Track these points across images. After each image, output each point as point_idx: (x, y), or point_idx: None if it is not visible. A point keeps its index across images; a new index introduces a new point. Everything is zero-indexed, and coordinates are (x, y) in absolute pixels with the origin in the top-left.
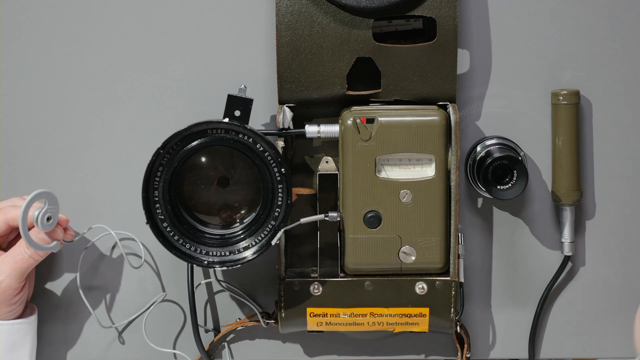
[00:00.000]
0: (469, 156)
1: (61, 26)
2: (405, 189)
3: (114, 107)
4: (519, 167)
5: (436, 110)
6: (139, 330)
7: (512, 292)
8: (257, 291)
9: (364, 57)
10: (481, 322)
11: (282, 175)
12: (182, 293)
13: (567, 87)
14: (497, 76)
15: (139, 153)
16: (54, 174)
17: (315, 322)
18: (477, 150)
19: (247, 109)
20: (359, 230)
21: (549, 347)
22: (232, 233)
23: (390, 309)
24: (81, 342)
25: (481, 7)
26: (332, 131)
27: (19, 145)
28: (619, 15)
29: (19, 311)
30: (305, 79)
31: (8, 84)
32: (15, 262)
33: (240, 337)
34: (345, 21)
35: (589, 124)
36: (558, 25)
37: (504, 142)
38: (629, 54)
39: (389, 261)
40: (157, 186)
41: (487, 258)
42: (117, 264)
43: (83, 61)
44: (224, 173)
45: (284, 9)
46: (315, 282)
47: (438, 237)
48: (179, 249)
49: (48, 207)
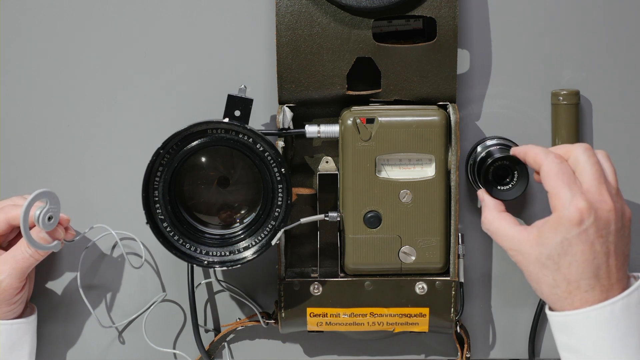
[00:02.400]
0: (470, 157)
1: (61, 26)
2: (405, 189)
3: (114, 107)
4: (519, 168)
5: (436, 110)
6: (139, 330)
7: (512, 292)
8: (257, 291)
9: (364, 57)
10: (481, 322)
11: (282, 175)
12: (182, 293)
13: (567, 87)
14: (497, 76)
15: (139, 153)
16: (54, 173)
17: (315, 322)
18: (478, 150)
19: (247, 109)
20: (359, 230)
21: (549, 347)
22: (232, 233)
23: (390, 309)
24: (81, 342)
25: (481, 7)
26: (332, 131)
27: (19, 145)
28: (619, 15)
29: (19, 311)
30: (305, 79)
31: (8, 84)
32: (16, 261)
33: (240, 337)
34: (345, 21)
35: (589, 124)
36: (558, 25)
37: (504, 143)
38: (629, 54)
39: (389, 261)
40: (157, 186)
41: (487, 258)
42: (117, 264)
43: (83, 61)
44: (224, 173)
45: (284, 9)
46: (315, 282)
47: (438, 237)
48: (179, 249)
49: (49, 207)
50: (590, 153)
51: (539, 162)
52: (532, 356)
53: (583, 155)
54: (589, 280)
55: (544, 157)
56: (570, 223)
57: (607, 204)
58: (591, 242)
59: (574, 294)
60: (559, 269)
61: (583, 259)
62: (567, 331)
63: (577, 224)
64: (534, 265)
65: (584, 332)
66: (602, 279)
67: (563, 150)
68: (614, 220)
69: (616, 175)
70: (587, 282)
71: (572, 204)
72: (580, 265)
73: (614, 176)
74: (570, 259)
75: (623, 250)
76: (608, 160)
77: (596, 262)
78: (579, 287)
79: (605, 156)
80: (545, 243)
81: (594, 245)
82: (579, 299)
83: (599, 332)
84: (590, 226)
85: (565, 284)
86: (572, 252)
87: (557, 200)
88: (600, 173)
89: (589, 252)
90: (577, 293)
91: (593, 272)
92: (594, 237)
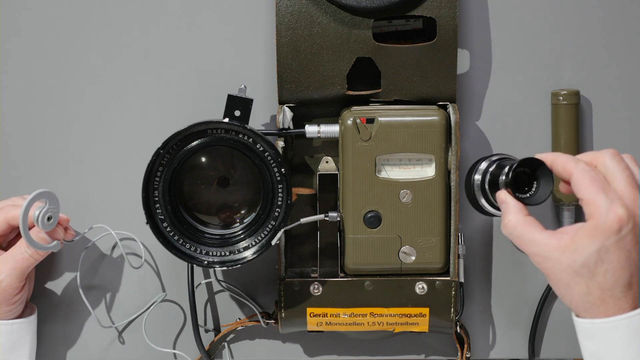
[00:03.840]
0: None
1: (61, 26)
2: (405, 189)
3: (114, 107)
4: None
5: (436, 110)
6: (139, 330)
7: (512, 292)
8: (257, 291)
9: (364, 57)
10: (481, 322)
11: (282, 175)
12: (182, 293)
13: (567, 87)
14: (497, 76)
15: (139, 153)
16: (54, 173)
17: (315, 322)
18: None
19: (247, 109)
20: (359, 230)
21: (549, 347)
22: (232, 233)
23: (390, 309)
24: (81, 342)
25: (481, 7)
26: (332, 131)
27: (19, 145)
28: (619, 15)
29: (19, 311)
30: (305, 79)
31: (8, 84)
32: (16, 261)
33: (240, 337)
34: (345, 21)
35: (589, 124)
36: (558, 25)
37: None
38: (629, 54)
39: (389, 261)
40: (157, 186)
41: (487, 258)
42: (117, 264)
43: (83, 61)
44: (224, 173)
45: (284, 9)
46: (315, 282)
47: (438, 237)
48: (179, 249)
49: (49, 207)
50: (619, 158)
51: (569, 170)
52: (532, 356)
53: (612, 161)
54: (622, 288)
55: (574, 165)
56: (609, 230)
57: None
58: (629, 249)
59: (607, 302)
60: (594, 277)
61: (619, 266)
62: (595, 338)
63: (616, 232)
64: (565, 273)
65: (611, 341)
66: (635, 287)
67: (589, 157)
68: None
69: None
70: (620, 290)
71: (610, 211)
72: (616, 273)
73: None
74: (607, 267)
75: None
76: (636, 164)
77: (631, 270)
78: (613, 295)
79: (633, 160)
80: (580, 250)
81: (631, 253)
82: (612, 307)
83: (627, 341)
84: (628, 233)
85: (599, 292)
86: (609, 259)
87: (593, 208)
88: (632, 178)
89: (625, 259)
90: (610, 301)
91: (627, 279)
92: (631, 245)
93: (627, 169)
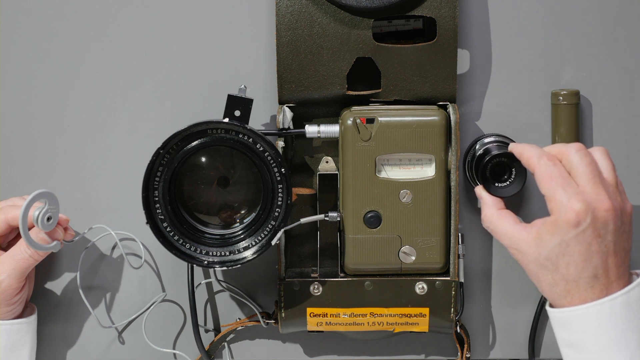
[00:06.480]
0: (467, 154)
1: (61, 26)
2: (405, 189)
3: (114, 107)
4: (517, 164)
5: (436, 110)
6: (139, 330)
7: (512, 292)
8: (257, 291)
9: (364, 57)
10: (481, 322)
11: (282, 175)
12: (182, 293)
13: (567, 87)
14: (497, 76)
15: (139, 153)
16: (54, 174)
17: (315, 322)
18: (476, 147)
19: (247, 109)
20: (359, 230)
21: (549, 347)
22: (232, 233)
23: (390, 309)
24: (81, 342)
25: (481, 7)
26: (332, 131)
27: (19, 145)
28: (619, 15)
29: (19, 311)
30: (305, 79)
31: (8, 84)
32: (16, 261)
33: (240, 337)
34: (345, 21)
35: (589, 124)
36: (558, 25)
37: (502, 140)
38: (629, 54)
39: (389, 261)
40: (157, 186)
41: (487, 258)
42: (117, 264)
43: (83, 61)
44: (224, 173)
45: (284, 9)
46: (315, 282)
47: (438, 237)
48: (179, 249)
49: (48, 207)
50: (583, 153)
51: (532, 165)
52: (532, 356)
53: (576, 156)
54: (588, 280)
55: (536, 162)
56: (567, 225)
57: (604, 203)
58: (589, 242)
59: (572, 292)
60: (557, 269)
61: (581, 259)
62: (567, 327)
63: (574, 226)
64: (533, 265)
65: (583, 328)
66: (601, 278)
67: (556, 150)
68: (612, 219)
69: (615, 172)
70: (585, 281)
71: (568, 206)
72: (578, 266)
73: (613, 173)
74: (568, 260)
75: (624, 247)
76: (607, 157)
77: (594, 262)
78: (578, 286)
79: (604, 153)
80: (543, 245)
81: (592, 246)
82: (577, 297)
83: (599, 328)
84: (587, 227)
85: (564, 283)
86: (569, 253)
87: (553, 203)
88: (595, 173)
89: (586, 252)
90: (576, 292)
91: (591, 271)
92: (591, 238)
93: (591, 163)
